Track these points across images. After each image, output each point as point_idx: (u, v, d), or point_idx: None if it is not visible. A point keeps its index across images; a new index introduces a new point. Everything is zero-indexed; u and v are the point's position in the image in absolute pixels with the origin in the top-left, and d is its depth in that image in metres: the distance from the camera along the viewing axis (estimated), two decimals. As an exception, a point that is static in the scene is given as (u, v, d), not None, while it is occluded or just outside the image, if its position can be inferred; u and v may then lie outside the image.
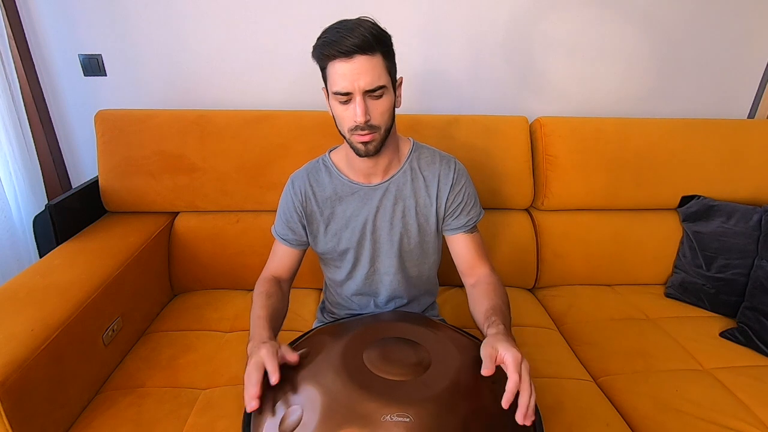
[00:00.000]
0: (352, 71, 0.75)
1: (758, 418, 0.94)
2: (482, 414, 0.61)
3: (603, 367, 1.10)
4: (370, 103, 0.78)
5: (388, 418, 0.57)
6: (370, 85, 0.76)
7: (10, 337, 0.79)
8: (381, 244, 0.95)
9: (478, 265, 0.93)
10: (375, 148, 0.83)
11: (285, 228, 0.96)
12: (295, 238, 0.96)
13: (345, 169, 0.94)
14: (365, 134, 0.80)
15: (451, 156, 0.97)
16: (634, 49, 1.51)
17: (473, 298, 0.89)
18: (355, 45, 0.73)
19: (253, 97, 1.48)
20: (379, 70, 0.77)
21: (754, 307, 1.21)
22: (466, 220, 0.94)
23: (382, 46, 0.77)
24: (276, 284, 0.92)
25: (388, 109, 0.81)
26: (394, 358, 0.67)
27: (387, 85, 0.79)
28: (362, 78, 0.75)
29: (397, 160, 0.93)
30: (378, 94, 0.78)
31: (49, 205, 1.16)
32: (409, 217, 0.93)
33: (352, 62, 0.74)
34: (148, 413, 0.90)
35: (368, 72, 0.75)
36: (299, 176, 0.96)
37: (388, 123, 0.83)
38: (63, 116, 1.47)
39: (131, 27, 1.38)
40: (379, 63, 0.77)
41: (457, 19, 1.44)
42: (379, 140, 0.82)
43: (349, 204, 0.93)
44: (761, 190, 1.43)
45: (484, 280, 0.89)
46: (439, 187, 0.93)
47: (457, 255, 0.96)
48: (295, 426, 0.59)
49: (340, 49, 0.74)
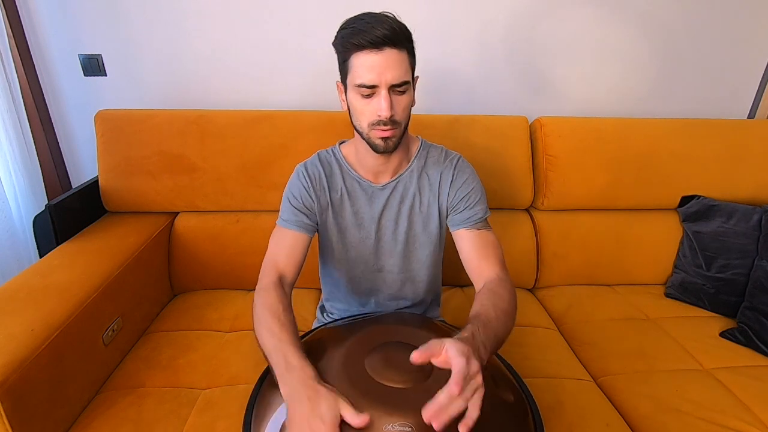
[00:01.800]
0: (381, 63, 0.73)
1: (758, 418, 0.94)
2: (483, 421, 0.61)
3: (603, 367, 1.10)
4: (395, 99, 0.77)
5: (390, 428, 0.56)
6: (397, 79, 0.74)
7: (10, 337, 0.79)
8: (385, 243, 0.95)
9: (484, 266, 0.85)
10: (394, 145, 0.82)
11: (295, 212, 0.89)
12: (305, 222, 0.89)
13: (355, 164, 0.93)
14: (387, 129, 0.78)
15: (456, 153, 0.96)
16: (634, 49, 1.51)
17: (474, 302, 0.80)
18: (386, 37, 0.71)
19: (253, 97, 1.48)
20: (406, 66, 0.76)
21: (754, 307, 1.21)
22: (470, 215, 0.90)
23: (409, 42, 0.76)
24: (280, 290, 0.79)
25: (408, 106, 0.81)
26: (395, 364, 0.66)
27: (410, 82, 0.79)
28: (390, 71, 0.73)
29: (406, 160, 0.93)
30: (402, 90, 0.77)
31: (49, 205, 1.15)
32: (414, 215, 0.93)
33: (381, 54, 0.73)
34: (148, 413, 0.90)
35: (397, 66, 0.74)
36: (313, 163, 0.94)
37: (408, 120, 0.83)
38: (63, 116, 1.47)
39: (131, 27, 1.38)
40: (406, 58, 0.76)
41: (457, 20, 1.44)
42: (399, 137, 0.82)
43: (356, 201, 0.93)
44: (761, 190, 1.43)
45: (488, 285, 0.81)
46: (441, 184, 0.92)
47: (462, 252, 0.90)
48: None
49: (370, 39, 0.71)
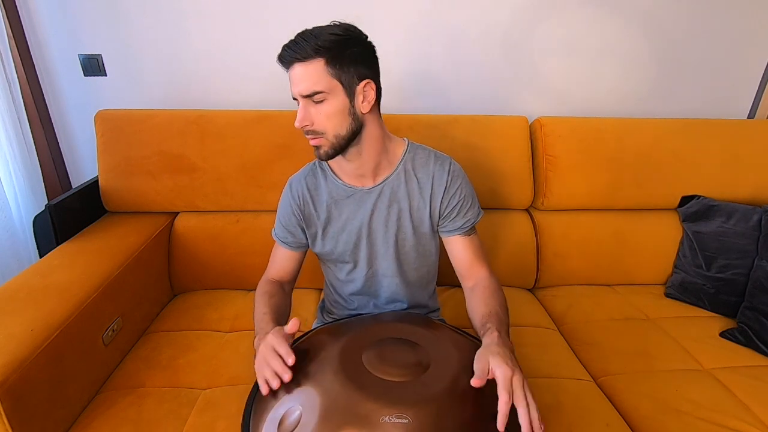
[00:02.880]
0: (292, 79, 0.79)
1: (758, 418, 0.94)
2: (481, 415, 0.61)
3: (603, 367, 1.10)
4: (312, 109, 0.80)
5: (387, 419, 0.57)
6: (305, 91, 0.78)
7: (10, 337, 0.79)
8: (378, 247, 0.95)
9: (476, 268, 0.92)
10: (326, 154, 0.84)
11: (284, 231, 0.97)
12: (294, 241, 0.97)
13: (339, 172, 0.93)
14: (311, 138, 0.83)
15: (446, 156, 0.95)
16: (634, 49, 1.51)
17: (471, 302, 0.89)
18: (290, 55, 0.77)
19: (253, 97, 1.48)
20: (317, 76, 0.77)
21: (754, 307, 1.21)
22: (462, 222, 0.92)
23: (323, 51, 0.76)
24: (278, 285, 0.95)
25: (334, 114, 0.80)
26: (392, 358, 0.67)
27: (327, 90, 0.78)
28: (297, 85, 0.79)
29: (387, 162, 0.91)
30: (317, 99, 0.78)
31: (49, 205, 1.16)
32: (404, 219, 0.93)
33: (292, 71, 0.79)
34: (148, 413, 0.90)
35: (303, 78, 0.78)
36: (297, 180, 0.97)
37: (339, 128, 0.81)
38: (63, 116, 1.48)
39: (131, 27, 1.38)
40: (318, 69, 0.77)
41: (457, 19, 1.44)
42: (330, 145, 0.82)
43: (345, 207, 0.93)
44: (761, 190, 1.43)
45: (482, 283, 0.89)
46: (433, 189, 0.91)
47: (454, 257, 0.95)
48: (294, 427, 0.59)
49: (279, 59, 0.79)
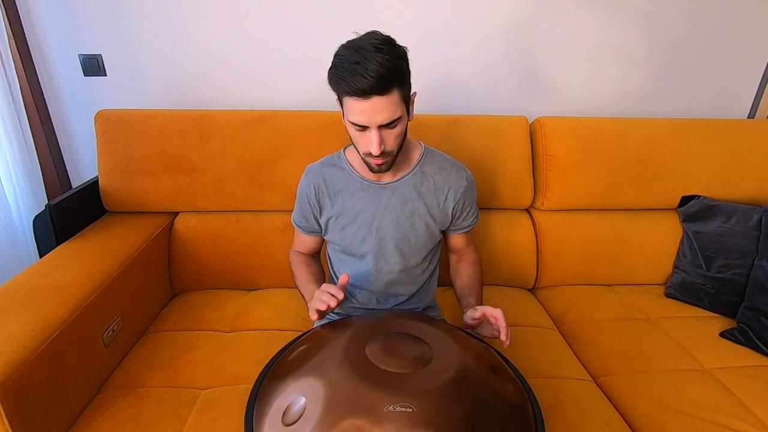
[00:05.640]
0: (369, 109, 0.75)
1: (758, 418, 0.94)
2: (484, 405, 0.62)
3: (603, 367, 1.10)
4: (385, 134, 0.80)
5: (392, 408, 0.57)
6: (386, 120, 0.77)
7: (10, 337, 0.79)
8: (386, 242, 0.96)
9: (466, 253, 1.09)
10: (387, 167, 0.88)
11: (300, 216, 1.04)
12: (308, 227, 1.03)
13: (357, 166, 0.96)
14: (378, 159, 0.83)
15: (461, 164, 1.00)
16: (634, 49, 1.51)
17: (455, 270, 1.08)
18: (372, 87, 0.72)
19: (253, 97, 1.48)
20: (395, 105, 0.77)
21: (754, 307, 1.21)
22: (468, 223, 1.03)
23: (397, 80, 0.75)
24: (308, 256, 1.08)
25: (401, 133, 0.83)
26: (396, 351, 0.68)
27: (402, 114, 0.80)
28: (379, 115, 0.76)
29: (407, 163, 0.96)
30: (393, 125, 0.79)
31: (49, 205, 1.15)
32: (416, 218, 0.95)
33: (368, 102, 0.74)
34: (148, 413, 0.90)
35: (384, 109, 0.75)
36: (313, 168, 1.00)
37: (401, 142, 0.85)
38: (63, 116, 1.47)
39: (131, 27, 1.38)
40: (395, 98, 0.76)
41: (457, 21, 1.44)
42: (391, 162, 0.87)
43: (358, 199, 0.95)
44: (761, 190, 1.43)
45: (467, 258, 1.07)
46: (449, 194, 0.96)
47: (450, 246, 1.09)
48: (298, 417, 0.59)
49: (354, 89, 0.73)
